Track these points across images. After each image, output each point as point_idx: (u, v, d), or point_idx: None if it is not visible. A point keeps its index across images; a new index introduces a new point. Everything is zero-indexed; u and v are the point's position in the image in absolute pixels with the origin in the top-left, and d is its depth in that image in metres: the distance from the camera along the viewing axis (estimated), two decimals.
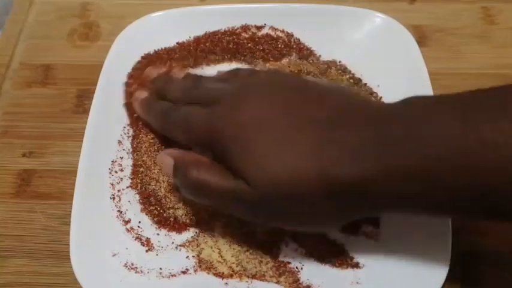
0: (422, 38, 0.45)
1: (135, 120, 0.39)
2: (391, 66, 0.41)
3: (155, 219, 0.36)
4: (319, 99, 0.31)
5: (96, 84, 0.40)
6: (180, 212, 0.36)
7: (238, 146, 0.30)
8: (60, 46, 0.47)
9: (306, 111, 0.30)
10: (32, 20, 0.48)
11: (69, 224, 0.34)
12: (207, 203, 0.33)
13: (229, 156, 0.30)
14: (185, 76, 0.39)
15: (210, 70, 0.43)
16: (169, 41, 0.43)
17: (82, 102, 0.43)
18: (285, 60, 0.43)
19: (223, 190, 0.30)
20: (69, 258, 0.32)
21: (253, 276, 0.33)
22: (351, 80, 0.41)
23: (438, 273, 0.31)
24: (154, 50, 0.43)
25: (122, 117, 0.39)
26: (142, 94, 0.39)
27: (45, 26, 0.48)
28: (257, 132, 0.30)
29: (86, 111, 0.39)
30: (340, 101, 0.31)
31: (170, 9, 0.44)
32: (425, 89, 0.38)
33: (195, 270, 0.34)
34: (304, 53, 0.43)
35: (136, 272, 0.33)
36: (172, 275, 0.34)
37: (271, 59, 0.43)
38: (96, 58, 0.43)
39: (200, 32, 0.44)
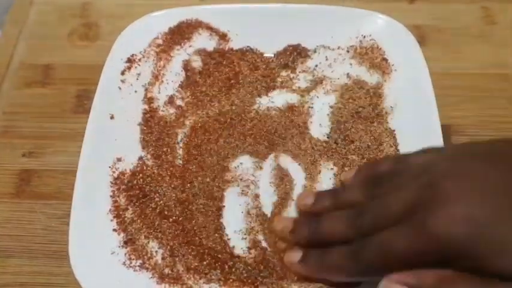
0: (422, 38, 0.45)
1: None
2: (393, 67, 0.41)
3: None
4: None
5: (96, 84, 0.40)
6: None
7: (499, 245, 0.25)
8: (60, 46, 0.47)
9: None
10: (32, 20, 0.48)
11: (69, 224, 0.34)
12: None
13: (490, 261, 0.25)
14: (317, 199, 0.34)
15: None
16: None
17: (82, 102, 0.43)
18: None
19: None
20: (69, 258, 0.32)
21: None
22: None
23: None
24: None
25: (122, 117, 0.39)
26: (296, 254, 0.32)
27: (45, 26, 0.48)
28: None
29: (86, 111, 0.39)
30: None
31: (170, 9, 0.44)
32: (427, 88, 0.38)
33: None
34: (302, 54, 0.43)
35: (134, 271, 0.33)
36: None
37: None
38: (96, 58, 0.43)
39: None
